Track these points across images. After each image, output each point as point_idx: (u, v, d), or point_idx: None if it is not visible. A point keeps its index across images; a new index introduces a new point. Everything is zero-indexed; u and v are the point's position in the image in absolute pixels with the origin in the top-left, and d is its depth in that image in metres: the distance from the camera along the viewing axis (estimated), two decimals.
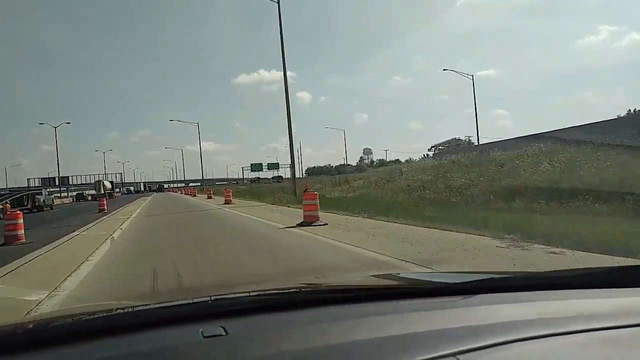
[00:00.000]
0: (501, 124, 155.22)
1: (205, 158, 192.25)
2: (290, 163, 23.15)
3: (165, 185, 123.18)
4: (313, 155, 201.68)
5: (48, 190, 39.35)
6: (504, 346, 0.85)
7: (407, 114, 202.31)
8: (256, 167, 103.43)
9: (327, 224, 9.74)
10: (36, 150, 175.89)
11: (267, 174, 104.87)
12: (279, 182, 77.80)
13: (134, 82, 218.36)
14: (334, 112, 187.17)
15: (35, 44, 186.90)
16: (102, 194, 59.68)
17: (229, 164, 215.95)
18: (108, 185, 67.24)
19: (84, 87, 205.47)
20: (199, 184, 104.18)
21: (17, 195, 29.36)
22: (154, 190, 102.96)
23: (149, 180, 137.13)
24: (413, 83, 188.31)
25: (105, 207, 23.57)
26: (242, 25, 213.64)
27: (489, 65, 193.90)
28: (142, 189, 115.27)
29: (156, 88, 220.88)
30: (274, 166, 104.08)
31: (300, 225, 9.87)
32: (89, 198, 61.71)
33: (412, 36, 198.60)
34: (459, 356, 0.80)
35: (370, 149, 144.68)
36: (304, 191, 13.94)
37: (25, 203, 28.83)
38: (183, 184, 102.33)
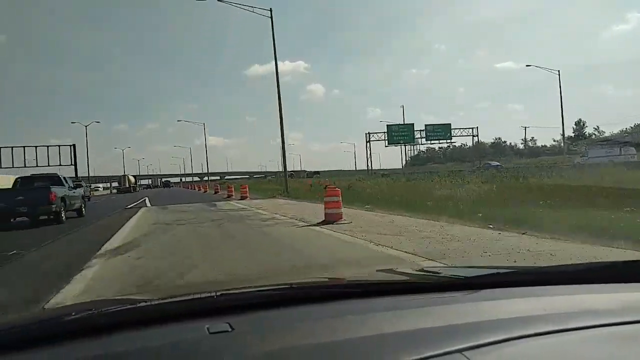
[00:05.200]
0: (516, 119, 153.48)
1: (213, 152, 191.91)
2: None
3: (177, 180, 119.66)
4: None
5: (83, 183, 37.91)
6: (510, 342, 0.84)
7: (422, 105, 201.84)
8: (403, 133, 56.72)
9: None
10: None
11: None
12: (311, 176, 66.21)
13: (140, 75, 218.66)
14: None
15: (41, 36, 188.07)
16: (127, 187, 61.10)
17: (236, 157, 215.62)
18: (132, 179, 69.04)
19: (90, 79, 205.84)
20: (217, 177, 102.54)
21: None
22: (165, 186, 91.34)
23: (157, 174, 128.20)
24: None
25: None
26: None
27: (508, 57, 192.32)
28: (158, 183, 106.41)
29: (164, 81, 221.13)
30: (437, 133, 58.11)
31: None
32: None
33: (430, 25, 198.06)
34: (465, 352, 0.79)
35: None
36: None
37: None
38: (197, 178, 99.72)
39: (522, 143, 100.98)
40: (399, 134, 59.22)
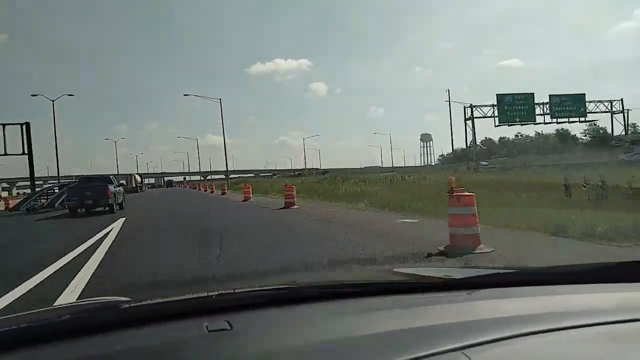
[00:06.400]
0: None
1: (214, 152, 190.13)
2: None
3: (179, 178, 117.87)
4: None
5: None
6: (509, 341, 0.85)
7: (424, 105, 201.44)
8: (520, 107, 40.65)
9: None
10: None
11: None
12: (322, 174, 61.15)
13: (143, 73, 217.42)
14: None
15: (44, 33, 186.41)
16: (134, 187, 59.66)
17: (237, 156, 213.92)
18: (138, 178, 67.64)
19: (92, 78, 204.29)
20: (222, 176, 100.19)
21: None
22: (168, 185, 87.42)
23: (158, 172, 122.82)
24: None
25: None
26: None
27: (514, 54, 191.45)
28: (162, 183, 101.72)
29: (165, 79, 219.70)
30: (566, 108, 42.56)
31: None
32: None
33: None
34: (464, 351, 0.80)
35: (430, 135, 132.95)
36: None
37: None
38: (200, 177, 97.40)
39: (625, 130, 77.84)
40: (513, 108, 40.86)
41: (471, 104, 44.34)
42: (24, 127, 27.55)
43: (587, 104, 44.52)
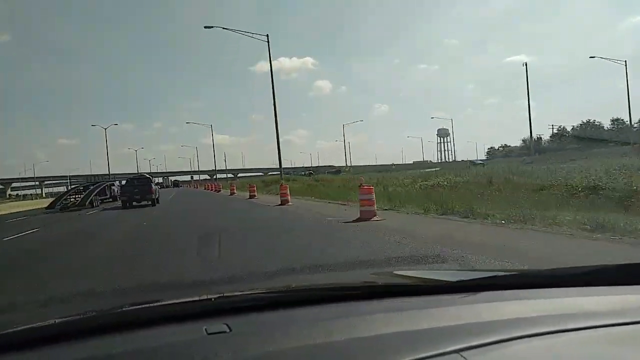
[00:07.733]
0: (526, 115, 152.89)
1: (218, 151, 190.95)
2: None
3: (186, 178, 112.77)
4: None
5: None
6: (507, 343, 0.85)
7: (429, 103, 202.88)
8: None
9: None
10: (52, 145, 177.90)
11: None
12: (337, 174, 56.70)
13: (146, 73, 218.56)
14: None
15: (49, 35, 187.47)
16: None
17: (243, 155, 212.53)
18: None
19: (93, 78, 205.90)
20: (231, 175, 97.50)
21: (101, 187, 32.09)
22: (175, 186, 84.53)
23: (162, 171, 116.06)
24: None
25: None
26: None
27: (522, 49, 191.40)
28: (169, 183, 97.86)
29: (168, 79, 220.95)
30: None
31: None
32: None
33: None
34: (462, 353, 0.80)
35: (447, 130, 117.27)
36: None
37: (107, 193, 31.73)
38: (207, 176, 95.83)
39: None
40: None
41: None
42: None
43: None
